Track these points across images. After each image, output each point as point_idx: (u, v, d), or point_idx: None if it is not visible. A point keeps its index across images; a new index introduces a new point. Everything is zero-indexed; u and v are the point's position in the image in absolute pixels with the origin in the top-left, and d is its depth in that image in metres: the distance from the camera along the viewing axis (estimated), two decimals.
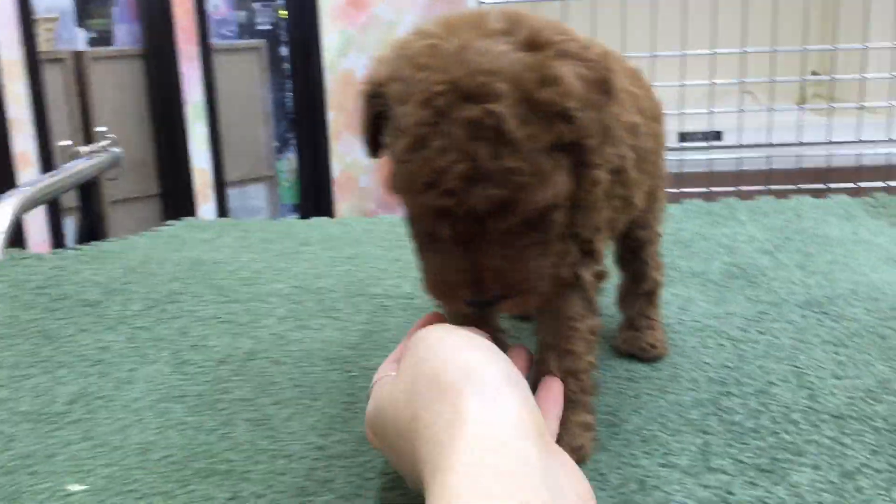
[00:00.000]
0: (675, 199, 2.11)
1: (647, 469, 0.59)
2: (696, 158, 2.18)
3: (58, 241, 2.57)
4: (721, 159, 2.18)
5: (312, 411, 0.69)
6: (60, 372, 0.77)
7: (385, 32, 3.02)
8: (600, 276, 0.63)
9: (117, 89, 2.84)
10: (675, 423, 0.65)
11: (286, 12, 3.20)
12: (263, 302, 0.92)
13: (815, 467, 0.58)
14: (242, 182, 3.20)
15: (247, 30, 3.64)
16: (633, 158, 0.64)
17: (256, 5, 3.76)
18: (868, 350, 0.76)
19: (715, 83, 2.07)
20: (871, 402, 0.67)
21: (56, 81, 2.70)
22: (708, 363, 0.75)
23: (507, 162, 0.47)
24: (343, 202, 3.19)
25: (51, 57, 2.68)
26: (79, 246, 1.09)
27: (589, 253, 0.61)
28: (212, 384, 0.74)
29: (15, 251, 1.03)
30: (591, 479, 0.57)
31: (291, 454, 0.63)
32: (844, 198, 1.25)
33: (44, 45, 2.65)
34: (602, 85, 0.51)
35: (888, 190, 1.98)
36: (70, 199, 2.25)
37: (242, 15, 3.69)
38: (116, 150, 1.22)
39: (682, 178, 2.13)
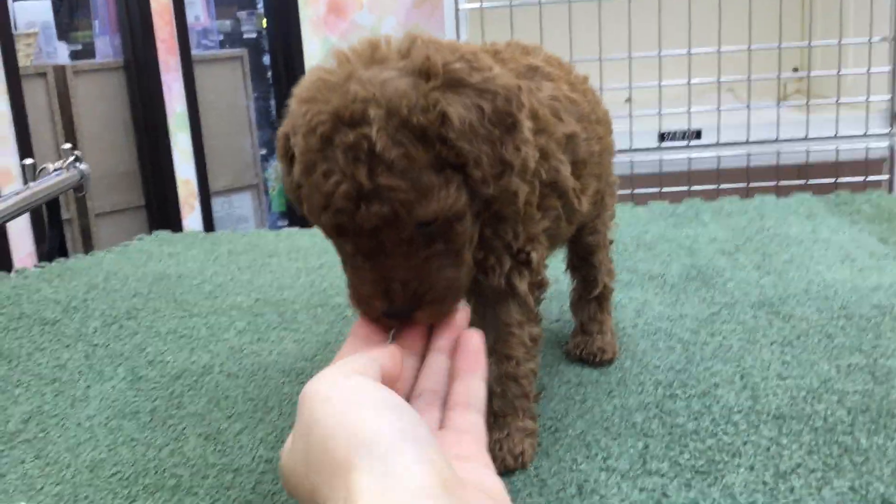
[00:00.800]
0: (654, 198, 2.12)
1: (587, 473, 0.60)
2: (676, 158, 2.19)
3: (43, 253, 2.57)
4: (701, 158, 2.20)
5: (263, 424, 0.70)
6: (16, 391, 0.77)
7: (336, 48, 3.03)
8: (539, 285, 0.64)
9: (100, 102, 2.85)
10: (618, 427, 0.66)
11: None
12: (223, 315, 0.93)
13: (751, 468, 0.59)
14: (228, 191, 3.20)
15: (231, 38, 3.65)
16: (570, 167, 0.65)
17: (241, 14, 3.77)
18: (814, 350, 0.77)
19: (692, 83, 2.08)
20: (812, 401, 0.68)
21: (38, 95, 2.71)
22: (657, 366, 0.76)
23: (382, 180, 0.49)
24: None
25: (32, 72, 2.69)
26: (44, 263, 1.10)
27: (524, 263, 0.63)
28: (166, 400, 0.75)
29: None
30: (530, 485, 0.59)
31: (239, 468, 0.64)
32: (807, 196, 1.27)
33: (24, 59, 2.65)
34: (503, 119, 0.53)
35: (866, 184, 2.00)
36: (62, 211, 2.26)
37: (227, 24, 3.70)
38: (83, 166, 1.23)
39: (662, 178, 2.14)
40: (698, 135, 2.21)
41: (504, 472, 0.61)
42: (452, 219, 0.53)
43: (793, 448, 0.61)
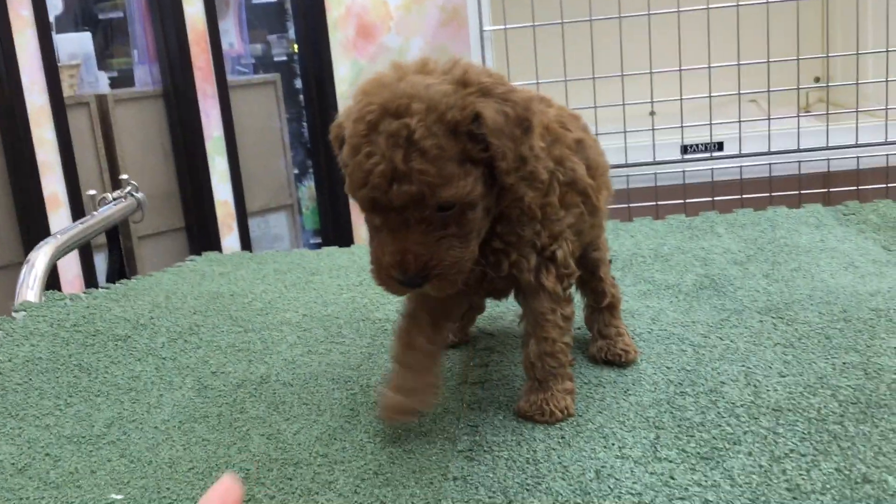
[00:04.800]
0: (679, 210, 2.19)
1: (604, 461, 0.68)
2: (699, 169, 2.26)
3: (89, 275, 2.69)
4: (724, 169, 2.26)
5: (318, 425, 0.79)
6: (98, 400, 0.87)
7: (395, 59, 3.13)
8: (566, 276, 0.75)
9: (140, 128, 2.97)
10: (633, 420, 0.74)
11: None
12: (276, 331, 1.02)
13: (749, 454, 0.67)
14: (264, 211, 3.31)
15: (263, 62, 3.76)
16: (585, 168, 0.77)
17: (271, 38, 3.89)
18: (814, 350, 0.84)
19: (713, 95, 2.15)
20: (808, 396, 0.75)
21: (81, 124, 2.83)
22: (669, 367, 0.84)
23: (415, 164, 0.61)
24: (362, 225, 3.31)
25: (75, 101, 2.81)
26: (109, 284, 1.20)
27: (550, 259, 0.74)
28: (230, 405, 0.84)
29: (51, 293, 1.14)
30: (553, 471, 0.67)
31: (299, 461, 0.73)
32: (818, 207, 1.34)
33: (68, 90, 2.78)
34: (522, 123, 0.66)
35: (887, 192, 2.05)
36: (100, 237, 2.38)
37: (258, 48, 3.82)
38: (139, 195, 1.33)
39: (686, 189, 2.20)
40: (720, 147, 2.27)
41: (554, 423, 0.74)
42: (467, 206, 0.65)
43: (787, 436, 0.69)
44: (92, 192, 1.29)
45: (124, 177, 1.33)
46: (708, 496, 0.62)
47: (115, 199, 1.30)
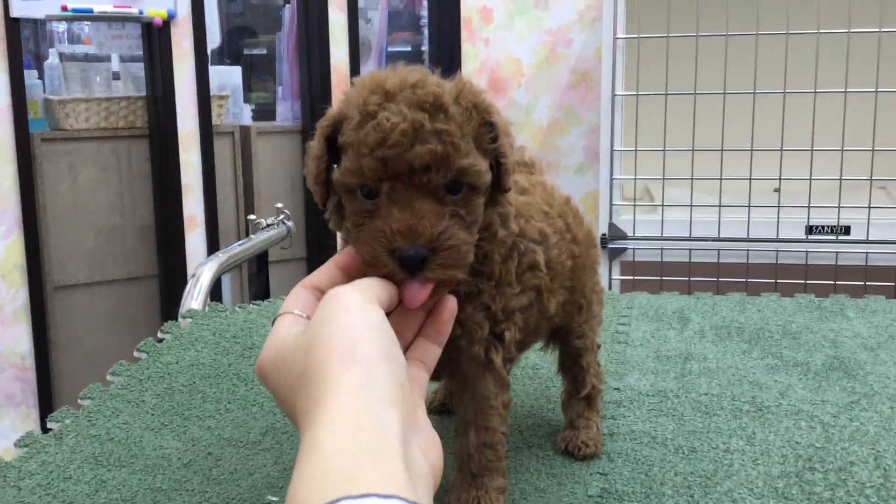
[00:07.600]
0: (799, 290, 2.18)
1: None
2: (823, 251, 2.23)
3: (214, 292, 2.83)
4: (849, 254, 2.23)
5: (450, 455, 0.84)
6: (253, 409, 0.94)
7: (522, 115, 3.21)
8: (509, 360, 0.72)
9: (277, 160, 3.12)
10: (761, 489, 0.77)
11: None
12: None
13: None
14: None
15: None
16: (545, 262, 0.73)
17: None
18: None
19: (842, 179, 2.14)
20: None
21: (225, 151, 3.00)
22: (798, 442, 0.86)
23: (441, 125, 0.58)
24: None
25: (219, 130, 2.98)
26: (260, 302, 1.29)
27: (499, 337, 0.69)
28: None
29: (213, 304, 1.24)
30: None
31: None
32: None
33: (216, 119, 2.95)
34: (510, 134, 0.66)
35: None
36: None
37: None
38: (290, 224, 1.43)
39: (808, 270, 2.18)
40: (847, 231, 2.25)
41: None
42: (474, 191, 0.62)
43: None
44: (252, 217, 1.40)
45: (279, 205, 1.44)
46: None
47: (268, 226, 1.40)
